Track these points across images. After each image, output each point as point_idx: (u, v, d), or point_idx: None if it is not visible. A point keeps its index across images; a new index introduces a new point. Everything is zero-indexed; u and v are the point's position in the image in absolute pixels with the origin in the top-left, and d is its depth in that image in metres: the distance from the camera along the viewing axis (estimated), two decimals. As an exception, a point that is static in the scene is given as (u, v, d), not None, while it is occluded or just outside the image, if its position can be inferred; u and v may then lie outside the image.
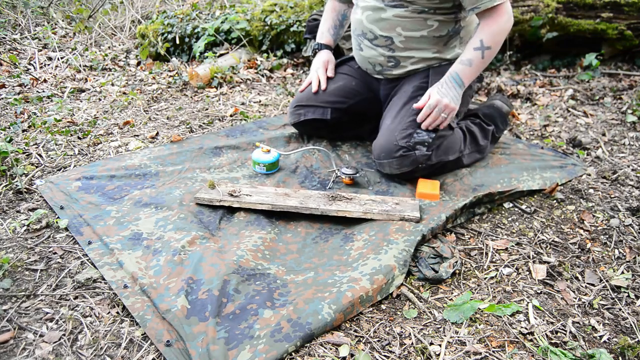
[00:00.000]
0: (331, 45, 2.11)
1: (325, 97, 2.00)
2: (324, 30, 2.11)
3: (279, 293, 1.24)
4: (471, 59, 1.65)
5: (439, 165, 1.76)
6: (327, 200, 1.59)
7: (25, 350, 1.09)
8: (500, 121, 2.05)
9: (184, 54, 3.51)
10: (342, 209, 1.54)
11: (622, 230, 1.57)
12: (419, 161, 1.68)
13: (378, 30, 1.78)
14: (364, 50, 1.88)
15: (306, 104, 2.03)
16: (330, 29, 2.11)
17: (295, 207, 1.55)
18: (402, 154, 1.67)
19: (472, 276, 1.37)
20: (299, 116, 2.04)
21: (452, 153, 1.79)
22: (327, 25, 2.11)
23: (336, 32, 2.12)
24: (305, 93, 2.05)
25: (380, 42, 1.80)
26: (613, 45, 3.07)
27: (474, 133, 1.91)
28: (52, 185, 1.71)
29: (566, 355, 1.08)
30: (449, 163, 1.80)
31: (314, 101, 2.01)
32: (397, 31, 1.75)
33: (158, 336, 1.10)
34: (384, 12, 1.74)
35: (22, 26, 4.26)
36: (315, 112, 2.00)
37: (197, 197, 1.60)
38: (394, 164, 1.70)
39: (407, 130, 1.69)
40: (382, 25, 1.77)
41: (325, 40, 2.11)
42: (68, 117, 2.39)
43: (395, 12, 1.72)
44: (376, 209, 1.54)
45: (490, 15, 1.62)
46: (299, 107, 2.04)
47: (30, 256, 1.38)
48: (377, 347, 1.11)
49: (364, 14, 1.80)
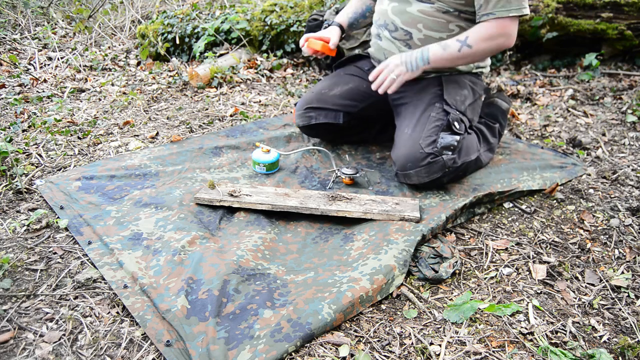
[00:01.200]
0: (343, 26, 1.96)
1: (336, 99, 1.93)
2: (343, 12, 2.01)
3: (279, 293, 1.24)
4: (449, 44, 1.63)
5: (463, 166, 1.73)
6: (327, 200, 1.59)
7: (25, 350, 1.09)
8: (502, 118, 2.05)
9: (184, 54, 3.51)
10: (342, 209, 1.54)
11: (622, 230, 1.57)
12: (447, 165, 1.64)
13: (400, 22, 1.75)
14: (383, 40, 1.84)
15: (317, 106, 1.94)
16: (350, 13, 2.00)
17: (295, 207, 1.55)
18: (429, 160, 1.63)
19: (472, 276, 1.37)
20: (309, 119, 1.95)
21: (472, 153, 1.78)
22: (350, 10, 2.00)
23: (355, 17, 2.00)
24: (315, 94, 1.97)
25: (399, 35, 1.77)
26: (613, 45, 3.07)
27: (483, 132, 1.91)
28: (52, 185, 1.71)
29: (566, 355, 1.08)
30: (471, 164, 1.78)
31: (324, 103, 1.94)
32: (418, 27, 1.72)
33: (158, 336, 1.10)
34: (409, 6, 1.71)
35: (22, 26, 4.26)
36: (328, 116, 1.93)
37: (197, 197, 1.60)
38: (422, 172, 1.65)
39: (431, 137, 1.65)
40: (404, 18, 1.73)
41: (339, 19, 1.97)
42: (68, 117, 2.39)
43: (420, 6, 1.69)
44: (376, 209, 1.54)
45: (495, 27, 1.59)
46: (309, 109, 1.95)
47: (30, 256, 1.38)
48: (377, 347, 1.11)
49: (390, 4, 1.77)
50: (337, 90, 1.95)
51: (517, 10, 1.57)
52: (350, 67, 2.02)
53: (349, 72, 2.00)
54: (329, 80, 2.01)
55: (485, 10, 1.59)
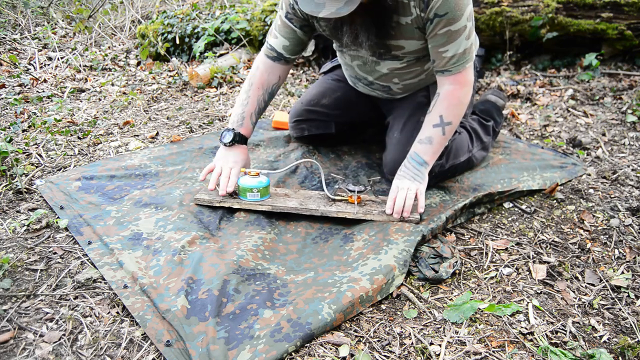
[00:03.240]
0: (248, 137, 1.67)
1: (325, 109, 1.92)
2: (244, 114, 1.65)
3: (279, 293, 1.24)
4: (431, 136, 1.52)
5: (451, 169, 1.74)
6: (327, 201, 1.59)
7: (25, 350, 1.09)
8: (497, 115, 2.05)
9: (184, 54, 3.51)
10: (342, 210, 1.54)
11: (622, 230, 1.57)
12: (433, 171, 1.63)
13: (373, 79, 1.69)
14: (360, 88, 1.82)
15: (307, 117, 1.94)
16: (253, 114, 1.66)
17: (295, 208, 1.55)
18: None
19: (472, 276, 1.37)
20: (302, 131, 1.97)
21: (462, 154, 1.77)
22: (250, 108, 1.65)
23: (258, 117, 1.69)
24: (304, 104, 1.95)
25: (378, 88, 1.74)
26: (613, 45, 3.06)
27: (476, 130, 1.90)
28: (52, 185, 1.71)
29: (566, 355, 1.08)
30: (461, 165, 1.78)
31: (314, 114, 1.93)
32: (394, 81, 1.68)
33: (158, 336, 1.10)
34: (377, 65, 1.62)
35: (22, 26, 4.26)
36: (319, 127, 1.93)
37: (197, 197, 1.59)
38: None
39: None
40: (376, 76, 1.67)
41: (245, 131, 1.65)
42: (68, 117, 2.39)
43: (389, 65, 1.60)
44: (376, 210, 1.54)
45: (453, 83, 1.50)
46: (299, 121, 1.96)
47: (30, 256, 1.38)
48: (377, 347, 1.11)
49: (354, 62, 1.66)
50: (326, 100, 1.92)
51: (470, 60, 1.49)
52: (338, 71, 1.97)
53: (335, 78, 1.96)
54: (317, 89, 1.97)
55: (440, 68, 1.50)
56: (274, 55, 1.65)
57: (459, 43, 1.43)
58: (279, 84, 1.71)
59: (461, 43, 1.43)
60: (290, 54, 1.64)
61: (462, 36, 1.42)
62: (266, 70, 1.66)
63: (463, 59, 1.47)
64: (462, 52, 1.45)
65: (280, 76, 1.69)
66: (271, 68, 1.66)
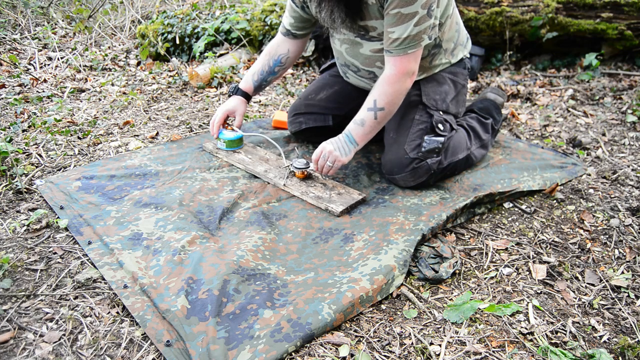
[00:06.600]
0: (249, 93, 1.91)
1: (322, 102, 1.98)
2: (248, 73, 1.91)
3: (279, 293, 1.24)
4: (364, 119, 1.59)
5: (450, 167, 1.75)
6: (287, 174, 1.75)
7: (25, 350, 1.09)
8: (496, 113, 2.05)
9: (184, 54, 3.51)
10: (288, 185, 1.70)
11: (622, 230, 1.57)
12: (432, 169, 1.66)
13: (359, 64, 1.74)
14: (350, 79, 1.87)
15: (305, 111, 2.00)
16: (255, 73, 1.90)
17: (258, 172, 1.79)
18: (414, 166, 1.66)
19: (472, 276, 1.37)
20: (299, 124, 2.01)
21: (460, 152, 1.78)
22: (255, 69, 1.90)
23: (262, 78, 1.90)
24: (302, 99, 2.02)
25: (364, 75, 1.78)
26: (613, 45, 3.07)
27: (475, 128, 1.91)
28: (52, 185, 1.71)
29: (566, 355, 1.08)
30: (460, 163, 1.78)
31: (312, 108, 1.98)
32: (377, 65, 1.71)
33: (158, 336, 1.10)
34: (360, 47, 1.68)
35: (22, 26, 4.26)
36: (317, 119, 1.98)
37: (204, 145, 1.98)
38: (407, 177, 1.68)
39: (416, 141, 1.67)
40: (361, 60, 1.72)
41: (244, 86, 1.90)
42: (68, 117, 2.39)
43: (371, 46, 1.66)
44: (314, 193, 1.66)
45: (394, 66, 1.54)
46: (297, 115, 2.01)
47: (30, 256, 1.38)
48: (377, 347, 1.11)
49: (343, 46, 1.74)
50: (323, 94, 1.99)
51: (415, 47, 1.52)
52: (336, 68, 2.02)
53: (334, 74, 2.02)
54: (315, 85, 2.05)
55: (385, 47, 1.55)
56: (284, 31, 1.87)
57: (406, 27, 1.48)
58: (288, 56, 1.89)
59: (408, 27, 1.48)
60: (296, 30, 1.83)
61: (411, 21, 1.47)
62: (277, 42, 1.89)
63: (406, 44, 1.51)
64: (406, 36, 1.49)
65: (289, 49, 1.88)
66: (281, 41, 1.88)
